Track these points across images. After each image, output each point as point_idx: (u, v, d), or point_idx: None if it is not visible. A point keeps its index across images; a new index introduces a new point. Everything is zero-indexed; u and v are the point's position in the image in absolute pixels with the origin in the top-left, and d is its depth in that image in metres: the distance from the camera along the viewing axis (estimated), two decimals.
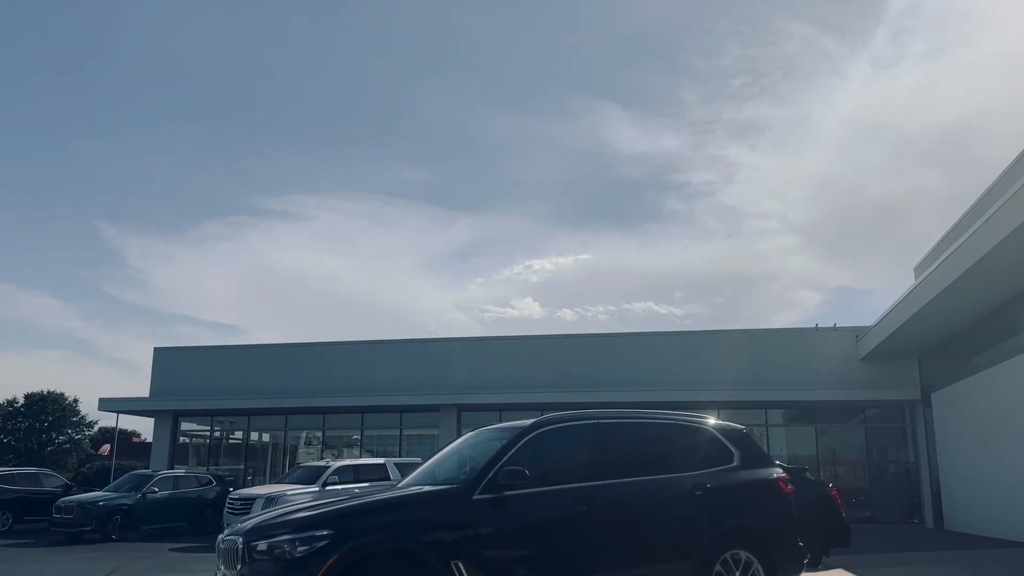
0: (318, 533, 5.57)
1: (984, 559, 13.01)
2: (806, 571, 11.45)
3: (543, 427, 6.77)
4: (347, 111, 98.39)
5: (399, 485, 7.43)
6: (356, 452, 28.08)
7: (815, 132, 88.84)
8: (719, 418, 8.27)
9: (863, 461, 25.58)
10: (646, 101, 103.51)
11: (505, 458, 6.33)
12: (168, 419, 28.58)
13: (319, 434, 29.41)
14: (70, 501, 19.59)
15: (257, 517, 6.33)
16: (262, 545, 5.61)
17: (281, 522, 5.84)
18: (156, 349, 29.85)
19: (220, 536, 6.18)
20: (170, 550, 16.96)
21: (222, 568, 5.99)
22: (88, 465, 48.02)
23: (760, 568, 6.86)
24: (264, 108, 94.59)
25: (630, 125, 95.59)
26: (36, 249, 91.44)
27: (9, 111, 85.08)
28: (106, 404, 28.63)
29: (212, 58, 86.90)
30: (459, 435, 13.38)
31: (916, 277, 23.33)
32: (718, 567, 6.70)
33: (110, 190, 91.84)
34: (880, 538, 18.31)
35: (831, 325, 25.27)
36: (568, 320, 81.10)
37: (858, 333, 24.22)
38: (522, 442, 6.53)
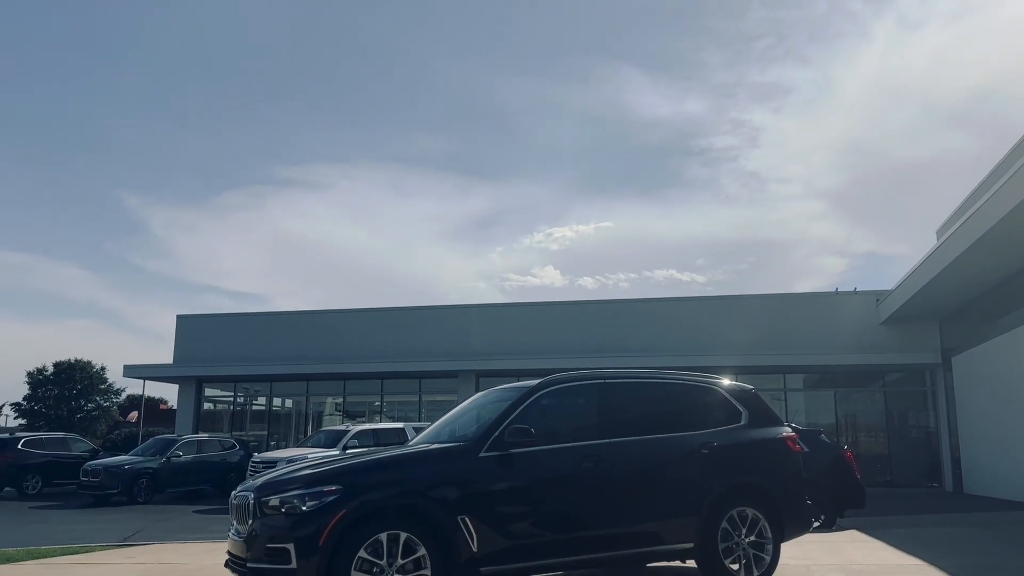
0: (327, 488, 5.67)
1: (1001, 521, 12.98)
2: (821, 531, 11.58)
3: (550, 386, 6.82)
4: (366, 80, 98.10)
5: (409, 444, 7.53)
6: (377, 419, 28.40)
7: (840, 95, 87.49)
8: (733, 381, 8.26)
9: (882, 426, 25.52)
10: (668, 65, 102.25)
11: (512, 416, 6.39)
12: (192, 385, 29.03)
13: (339, 400, 29.75)
14: (97, 465, 20.04)
15: (268, 474, 6.45)
16: (273, 500, 5.73)
17: (291, 478, 5.95)
18: (179, 316, 30.26)
19: (233, 492, 6.31)
20: (194, 512, 17.33)
21: (235, 523, 6.13)
22: (116, 432, 48.82)
23: (767, 525, 6.91)
24: (285, 78, 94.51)
25: (652, 90, 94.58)
26: (61, 220, 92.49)
27: (33, 83, 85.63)
28: (131, 371, 29.14)
29: (234, 29, 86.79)
30: None
31: (938, 240, 23.06)
32: (724, 524, 6.75)
33: (132, 161, 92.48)
34: (897, 501, 18.33)
35: (851, 289, 25.12)
36: (589, 288, 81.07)
37: (878, 297, 24.04)
38: (529, 401, 6.58)
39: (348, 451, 18.38)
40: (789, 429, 7.76)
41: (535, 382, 6.87)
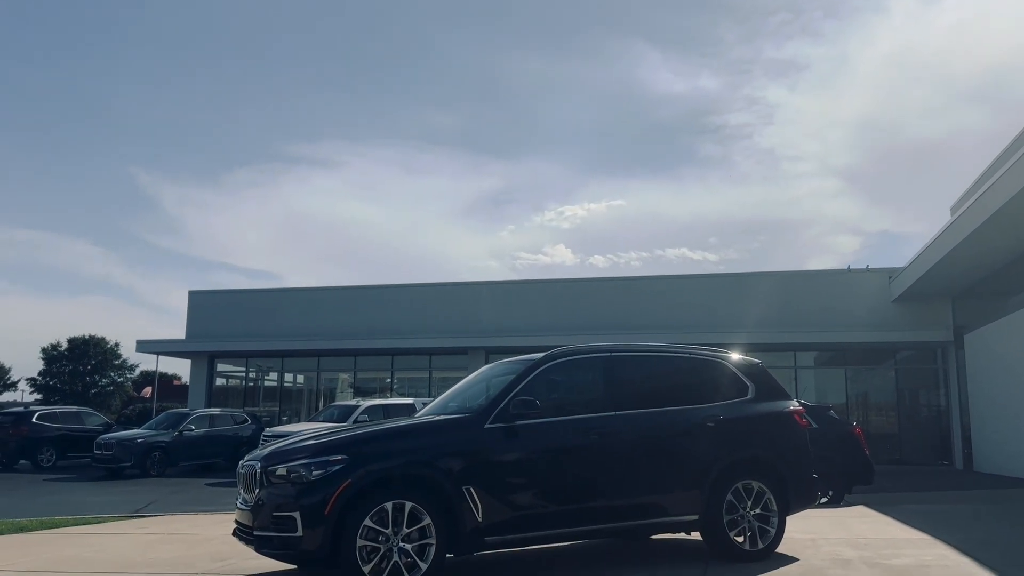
0: (332, 458, 5.70)
1: (1010, 498, 12.95)
2: (829, 507, 11.59)
3: (556, 359, 6.82)
4: (378, 57, 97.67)
5: (415, 416, 7.55)
6: (388, 395, 28.53)
7: (856, 71, 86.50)
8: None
9: (893, 404, 25.46)
10: (682, 41, 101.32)
11: (517, 388, 6.39)
12: (204, 361, 29.23)
13: (350, 377, 29.89)
14: (110, 438, 20.25)
15: (275, 444, 6.49)
16: (280, 470, 5.76)
17: (298, 448, 5.99)
18: (191, 292, 30.43)
19: (240, 462, 6.36)
20: (206, 485, 17.51)
21: (242, 492, 6.18)
22: (131, 407, 49.23)
23: (772, 498, 6.90)
24: (296, 55, 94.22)
25: (666, 66, 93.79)
26: (75, 197, 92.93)
27: (45, 61, 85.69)
28: (143, 346, 29.36)
29: (246, 7, 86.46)
30: None
31: (952, 217, 22.86)
32: (730, 497, 6.75)
33: (144, 138, 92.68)
34: (906, 479, 18.32)
35: (864, 267, 24.99)
36: (600, 267, 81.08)
37: (891, 274, 23.90)
38: (534, 373, 6.59)
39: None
40: (796, 403, 7.73)
41: (541, 355, 6.88)
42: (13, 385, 67.11)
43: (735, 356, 7.68)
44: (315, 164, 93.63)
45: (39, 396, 60.32)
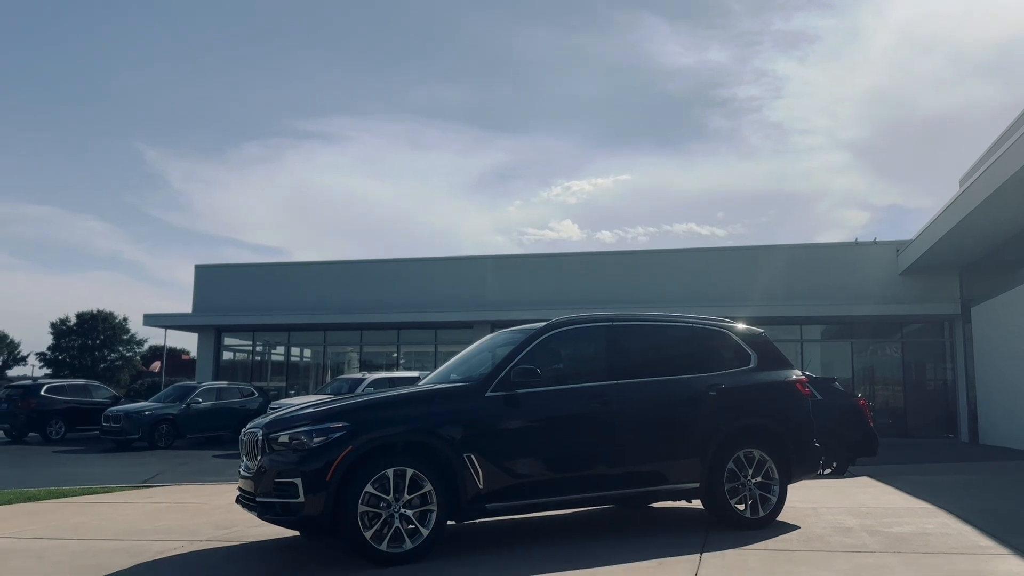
0: (334, 425, 5.72)
1: (1015, 470, 12.95)
2: (833, 478, 11.61)
3: (557, 328, 6.81)
4: (385, 31, 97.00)
5: (417, 385, 7.56)
6: (395, 369, 28.62)
7: (867, 44, 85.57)
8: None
9: (899, 377, 25.42)
10: (691, 13, 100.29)
11: (518, 357, 6.40)
12: (211, 334, 29.34)
13: (356, 353, 29.99)
14: (118, 411, 20.39)
15: (277, 412, 6.52)
16: (282, 437, 5.79)
17: (299, 415, 6.01)
18: (197, 266, 30.47)
19: (243, 430, 6.39)
20: (213, 456, 17.64)
21: (244, 460, 6.22)
22: (140, 381, 49.52)
23: (774, 467, 6.90)
24: (302, 29, 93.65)
25: (674, 39, 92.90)
26: (82, 173, 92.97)
27: (51, 39, 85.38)
28: (150, 320, 29.48)
29: None
30: None
31: (960, 189, 22.69)
32: (731, 465, 6.76)
33: (151, 113, 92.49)
34: (911, 451, 18.34)
35: (871, 239, 24.87)
36: (607, 242, 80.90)
37: (898, 247, 23.77)
38: (536, 342, 6.58)
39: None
40: (799, 372, 7.72)
41: (542, 324, 6.87)
42: (23, 360, 67.63)
43: (738, 325, 7.66)
44: (322, 139, 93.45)
45: (49, 370, 60.76)
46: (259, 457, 5.87)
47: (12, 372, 64.26)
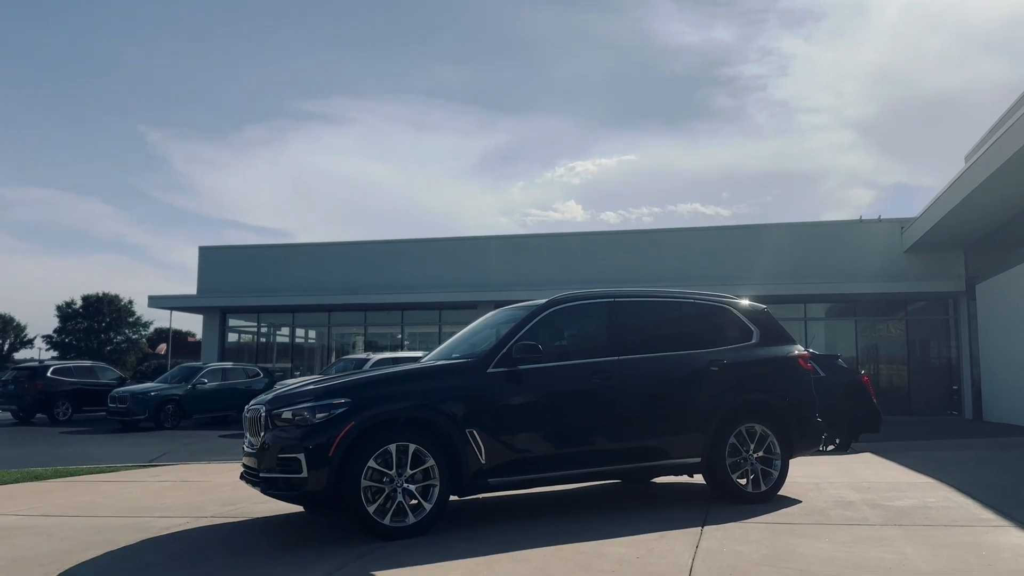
0: (336, 401, 5.74)
1: (1018, 445, 12.96)
2: (836, 454, 11.63)
3: (558, 304, 6.82)
4: (387, 11, 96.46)
5: (419, 362, 7.58)
6: (399, 350, 28.69)
7: (873, 21, 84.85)
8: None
9: (903, 355, 25.42)
10: None
11: (520, 334, 6.41)
12: (216, 316, 29.42)
13: (361, 334, 30.05)
14: (124, 392, 20.51)
15: (279, 389, 6.55)
16: (285, 413, 5.81)
17: (302, 392, 6.04)
18: (201, 248, 30.53)
19: (246, 407, 6.42)
20: (219, 436, 17.74)
21: (248, 436, 6.25)
22: (146, 363, 49.71)
23: (775, 441, 6.92)
24: (302, 9, 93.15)
25: (678, 17, 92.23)
26: (86, 156, 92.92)
27: (52, 20, 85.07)
28: (155, 302, 29.57)
29: None
30: None
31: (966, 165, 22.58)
32: (732, 440, 6.78)
33: (153, 96, 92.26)
34: (915, 428, 18.36)
35: (876, 217, 24.81)
36: (611, 223, 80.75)
37: (903, 225, 23.70)
38: (537, 319, 6.59)
39: None
40: (801, 348, 7.72)
41: (544, 300, 6.88)
42: (29, 342, 67.92)
43: (740, 301, 7.66)
44: (324, 120, 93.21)
45: (55, 353, 61.06)
46: (262, 433, 5.90)
47: (19, 355, 64.60)
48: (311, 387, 6.09)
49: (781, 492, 7.02)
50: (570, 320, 6.92)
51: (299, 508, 6.83)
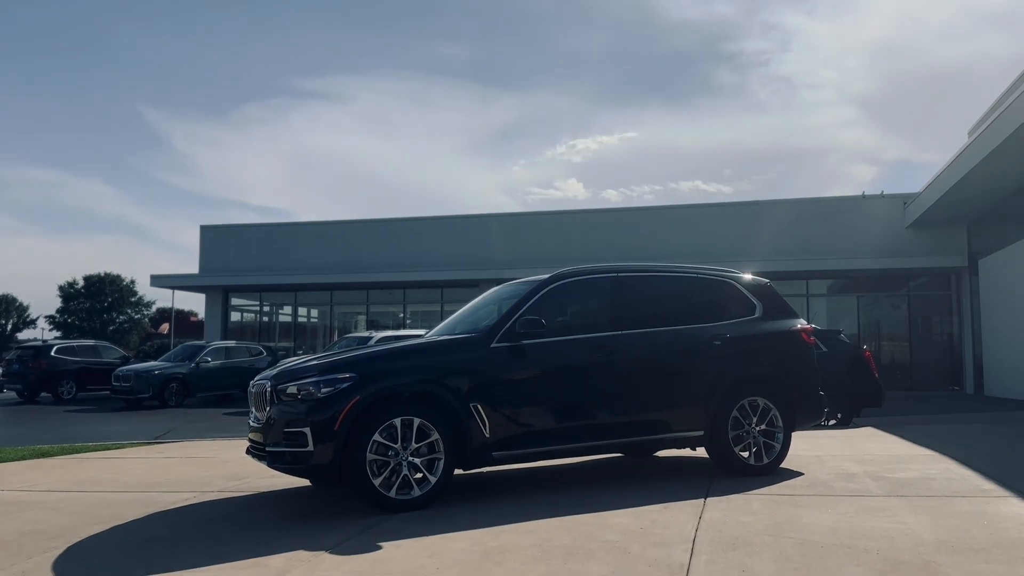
0: (341, 376, 5.77)
1: (1020, 419, 13.00)
2: (838, 428, 11.68)
3: (562, 279, 6.83)
4: None
5: (423, 337, 7.61)
6: (402, 329, 28.74)
7: None
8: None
9: (905, 330, 25.45)
10: None
11: (524, 308, 6.43)
12: (218, 295, 29.48)
13: (363, 313, 30.10)
14: (128, 370, 20.59)
15: (284, 364, 6.58)
16: (290, 388, 5.85)
17: (307, 367, 6.07)
18: (203, 227, 30.53)
19: (251, 382, 6.45)
20: (223, 414, 17.83)
21: (253, 411, 6.29)
22: (149, 343, 49.81)
23: (778, 415, 6.95)
24: None
25: None
26: (84, 136, 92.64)
27: None
28: (157, 281, 29.60)
29: None
30: None
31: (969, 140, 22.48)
32: (735, 413, 6.81)
33: (151, 74, 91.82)
34: (916, 402, 18.43)
35: (878, 192, 24.75)
36: (613, 201, 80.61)
37: (905, 200, 23.64)
38: (541, 294, 6.61)
39: None
40: (804, 321, 7.73)
41: (548, 275, 6.89)
42: (32, 323, 68.12)
43: (743, 276, 7.67)
44: (324, 98, 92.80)
45: (58, 333, 61.21)
46: (268, 408, 5.94)
47: (22, 335, 64.78)
48: (316, 362, 6.13)
49: (783, 465, 7.06)
50: (574, 295, 6.93)
51: (305, 482, 6.89)
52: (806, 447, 8.52)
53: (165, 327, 59.75)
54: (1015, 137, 14.53)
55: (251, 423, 6.33)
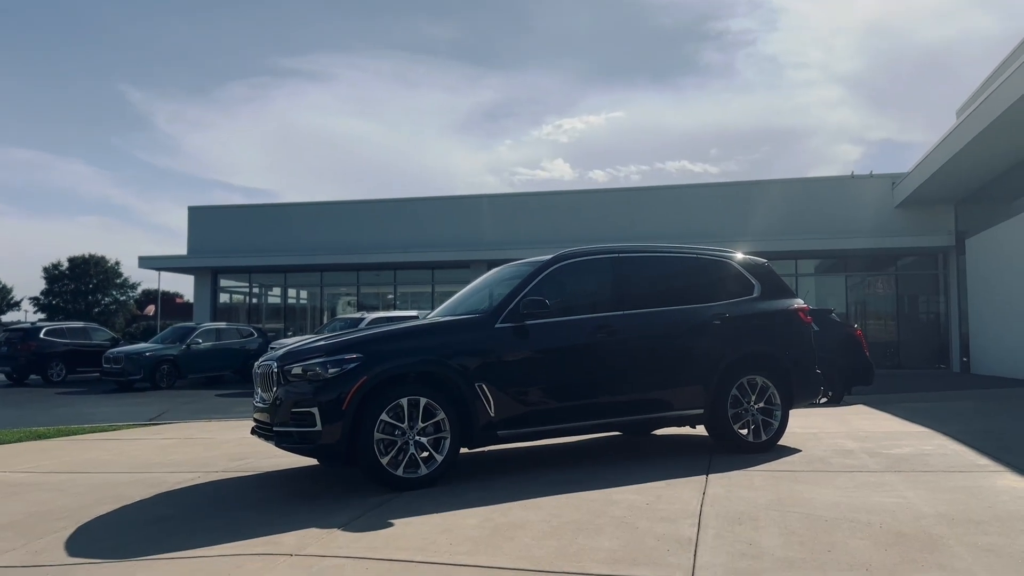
0: (348, 356, 5.81)
1: (1008, 396, 13.20)
2: (829, 406, 11.83)
3: (564, 260, 6.88)
4: None
5: (426, 318, 7.65)
6: (392, 310, 28.72)
7: None
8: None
9: (892, 309, 25.71)
10: None
11: (527, 289, 6.48)
12: (207, 276, 29.36)
13: (353, 295, 30.06)
14: (118, 352, 20.52)
15: (289, 345, 6.60)
16: (296, 369, 5.88)
17: (312, 348, 6.10)
18: (191, 208, 30.38)
19: (256, 363, 6.47)
20: (216, 396, 17.83)
21: (259, 392, 6.31)
22: (135, 325, 49.52)
23: (776, 393, 7.06)
24: None
25: None
26: (65, 116, 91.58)
27: None
28: (145, 262, 29.43)
29: None
30: None
31: (957, 120, 22.61)
32: (734, 391, 6.90)
33: (132, 53, 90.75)
34: (905, 381, 18.65)
35: (867, 173, 24.91)
36: (600, 181, 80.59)
37: (894, 180, 23.81)
38: (543, 274, 6.66)
39: None
40: (801, 301, 7.83)
41: (549, 256, 6.94)
42: (16, 304, 67.59)
43: (741, 256, 7.75)
44: (307, 77, 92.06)
45: (43, 315, 60.82)
46: (274, 388, 5.97)
47: (6, 317, 64.33)
48: (321, 343, 6.15)
49: (781, 442, 7.18)
50: (575, 276, 6.97)
51: (308, 461, 6.95)
52: (800, 424, 8.65)
53: (151, 309, 59.44)
54: (1003, 118, 14.66)
55: (256, 403, 6.36)
